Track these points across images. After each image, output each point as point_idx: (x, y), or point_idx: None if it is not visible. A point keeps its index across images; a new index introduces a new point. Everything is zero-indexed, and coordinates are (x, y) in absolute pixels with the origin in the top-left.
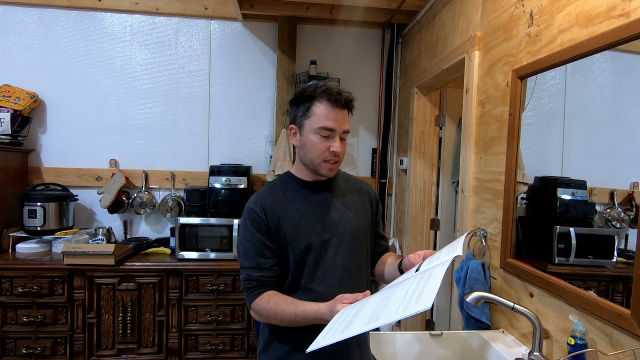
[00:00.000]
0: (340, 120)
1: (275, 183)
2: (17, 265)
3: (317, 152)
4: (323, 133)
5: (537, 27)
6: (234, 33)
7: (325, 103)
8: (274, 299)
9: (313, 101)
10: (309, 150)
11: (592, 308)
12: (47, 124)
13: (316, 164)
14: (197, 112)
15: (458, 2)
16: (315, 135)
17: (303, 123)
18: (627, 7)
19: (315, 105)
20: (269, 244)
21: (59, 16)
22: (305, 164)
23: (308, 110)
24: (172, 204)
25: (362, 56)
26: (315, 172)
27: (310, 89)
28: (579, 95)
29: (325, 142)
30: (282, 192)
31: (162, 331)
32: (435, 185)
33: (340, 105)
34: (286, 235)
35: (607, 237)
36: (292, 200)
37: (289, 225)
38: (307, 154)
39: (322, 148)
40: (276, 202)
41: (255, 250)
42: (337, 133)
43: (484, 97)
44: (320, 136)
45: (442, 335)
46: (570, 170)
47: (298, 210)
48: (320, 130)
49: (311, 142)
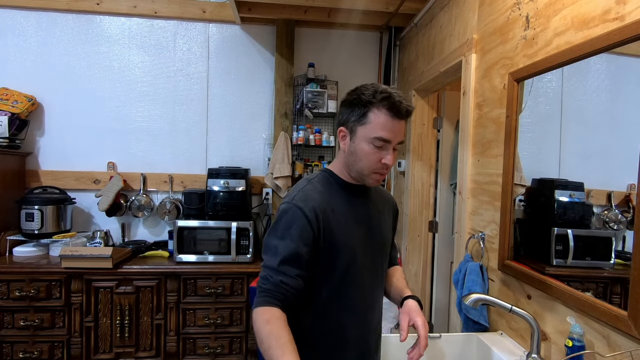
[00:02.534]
0: (397, 131)
1: (318, 181)
2: (14, 268)
3: (368, 163)
4: (377, 143)
5: (533, 30)
6: (232, 36)
7: (384, 112)
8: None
9: (371, 107)
10: (359, 158)
11: (589, 310)
12: (44, 127)
13: (365, 174)
14: (195, 115)
15: (455, 6)
16: (368, 145)
17: (356, 129)
18: (622, 10)
19: (372, 112)
20: (305, 253)
21: (57, 19)
22: (351, 170)
23: (364, 117)
24: (170, 206)
25: (360, 59)
26: (360, 181)
27: (368, 92)
28: (576, 98)
29: (378, 153)
30: (328, 194)
31: (160, 335)
32: (434, 187)
33: (401, 116)
34: (334, 244)
35: (604, 239)
36: (336, 203)
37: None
38: (357, 162)
39: (374, 159)
40: (326, 204)
41: (287, 254)
42: (392, 144)
43: (481, 100)
44: (374, 146)
45: (440, 338)
46: (568, 172)
47: (344, 216)
48: (375, 140)
49: (363, 151)
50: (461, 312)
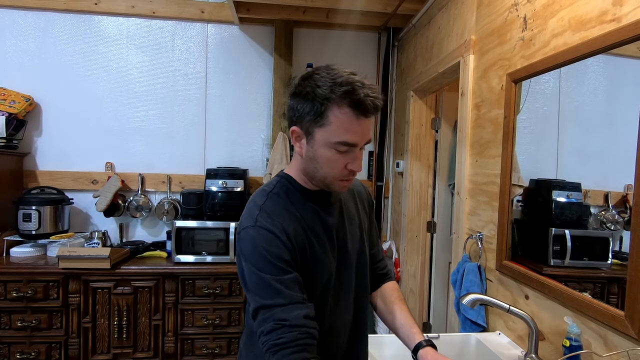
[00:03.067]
0: (364, 131)
1: (277, 193)
2: (12, 269)
3: (332, 171)
4: (341, 149)
5: (530, 32)
6: (230, 36)
7: (346, 110)
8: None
9: (329, 105)
10: (320, 166)
11: (586, 310)
12: (42, 127)
13: (329, 181)
14: (193, 115)
15: (453, 7)
16: (330, 150)
17: (313, 131)
18: (618, 12)
19: (332, 111)
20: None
21: (55, 19)
22: (312, 178)
23: (322, 117)
24: (168, 207)
25: (359, 59)
26: (324, 188)
27: (325, 85)
28: (573, 98)
29: (343, 159)
30: (294, 208)
31: (158, 335)
32: (432, 187)
33: (370, 113)
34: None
35: (601, 239)
36: (304, 218)
37: (309, 251)
38: (319, 170)
39: (338, 166)
40: (295, 222)
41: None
42: (359, 147)
43: (479, 100)
44: (337, 151)
45: (439, 338)
46: (565, 173)
47: (313, 232)
48: (337, 145)
49: (324, 157)
50: (459, 312)
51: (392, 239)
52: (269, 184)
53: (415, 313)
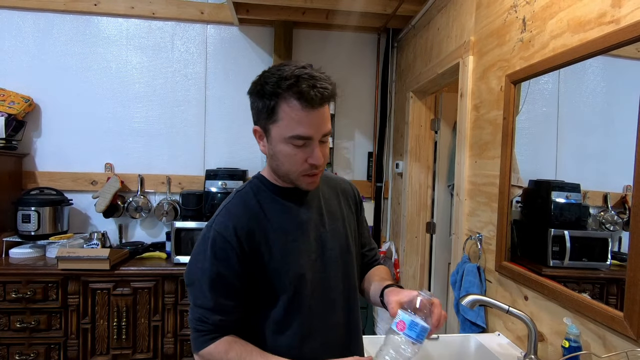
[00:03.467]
0: (318, 123)
1: (246, 192)
2: (11, 270)
3: (292, 166)
4: (297, 143)
5: (529, 33)
6: (230, 37)
7: (295, 104)
8: (236, 349)
9: (278, 100)
10: (281, 162)
11: (585, 310)
12: (41, 127)
13: (293, 178)
14: (193, 116)
15: (452, 8)
16: (287, 145)
17: (269, 128)
18: (617, 14)
19: (281, 107)
20: (236, 281)
21: (54, 20)
22: (279, 175)
23: (273, 113)
24: (167, 208)
25: (358, 60)
26: (290, 183)
27: (272, 80)
28: (572, 99)
29: (302, 153)
30: (259, 205)
31: (158, 336)
32: (431, 188)
33: (317, 104)
34: (271, 263)
35: (601, 240)
36: (271, 215)
37: (274, 249)
38: (281, 166)
39: (298, 160)
40: (254, 221)
41: (215, 287)
42: (316, 139)
43: (479, 102)
44: (294, 146)
45: (438, 339)
46: (564, 174)
47: (282, 229)
48: (293, 140)
49: (283, 153)
50: (459, 313)
51: (392, 240)
52: (243, 184)
53: None
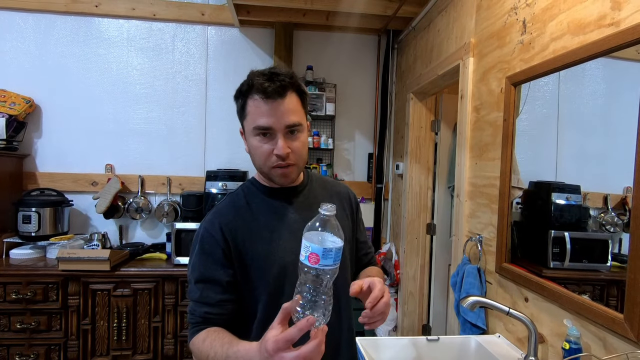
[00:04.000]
0: (278, 114)
1: (237, 193)
2: (11, 271)
3: (260, 158)
4: (261, 133)
5: (529, 35)
6: (230, 39)
7: (255, 97)
8: (211, 337)
9: (246, 98)
10: (253, 156)
11: (586, 312)
12: (42, 128)
13: (265, 171)
14: (193, 117)
15: (453, 10)
16: (254, 138)
17: (243, 125)
18: (617, 16)
19: (247, 104)
20: (220, 276)
21: (55, 21)
22: (258, 171)
23: (243, 110)
24: (168, 209)
25: (359, 62)
26: (270, 180)
27: (244, 83)
28: (572, 101)
29: (267, 145)
30: (247, 205)
31: (158, 337)
32: (431, 190)
33: (275, 94)
34: (255, 260)
35: (601, 242)
36: (259, 214)
37: (259, 246)
38: (254, 160)
39: (264, 152)
40: (240, 219)
41: (202, 280)
42: (278, 130)
43: (479, 103)
44: (260, 138)
45: (438, 340)
46: (564, 175)
47: (268, 227)
48: (256, 131)
49: (253, 146)
50: (459, 314)
51: (392, 241)
52: (238, 187)
53: (415, 315)
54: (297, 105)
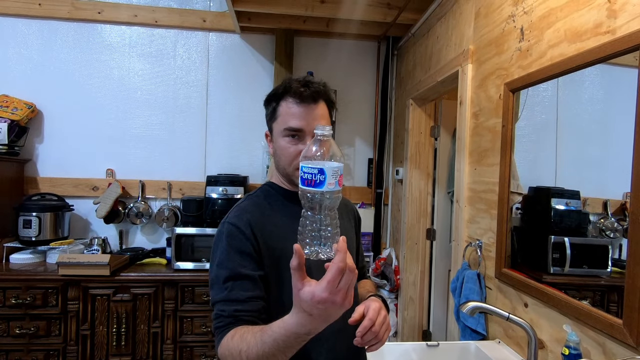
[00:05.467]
0: (310, 117)
1: (257, 195)
2: (11, 276)
3: (287, 159)
4: (291, 134)
5: (527, 42)
6: (231, 45)
7: (289, 100)
8: (240, 331)
9: (279, 101)
10: (279, 157)
11: (585, 318)
12: (44, 134)
13: (289, 172)
14: (194, 123)
15: (451, 17)
16: (283, 139)
17: (272, 127)
18: (613, 24)
19: (280, 106)
20: (251, 271)
21: (58, 28)
22: (281, 174)
23: (275, 112)
24: (168, 214)
25: (358, 68)
26: (291, 182)
27: (279, 87)
28: (571, 107)
29: (295, 146)
30: (269, 207)
31: (157, 343)
32: (431, 195)
33: (309, 99)
34: (282, 258)
35: (601, 247)
36: (281, 215)
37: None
38: (279, 161)
39: (291, 153)
40: (265, 217)
41: (231, 277)
42: (307, 133)
43: (478, 109)
44: (289, 138)
45: (438, 346)
46: (564, 181)
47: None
48: (286, 132)
49: (280, 147)
50: (459, 320)
51: (392, 247)
52: (255, 190)
53: (415, 320)
54: (326, 113)
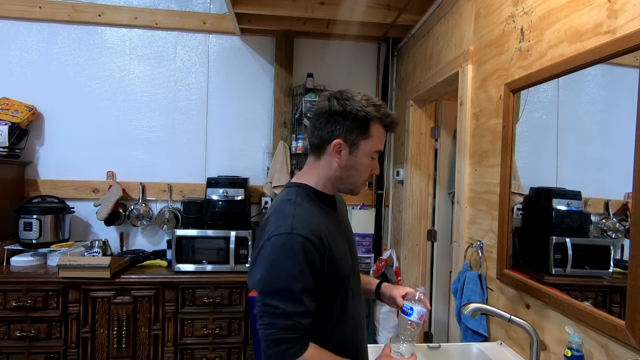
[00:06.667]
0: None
1: (302, 199)
2: (11, 278)
3: (364, 175)
4: (374, 156)
5: (527, 43)
6: (232, 47)
7: (380, 127)
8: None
9: (371, 121)
10: (358, 172)
11: (587, 319)
12: (44, 136)
13: (359, 185)
14: (194, 125)
15: (451, 18)
16: (367, 158)
17: (359, 142)
18: (613, 24)
19: (374, 127)
20: (315, 284)
21: (58, 30)
22: (342, 183)
23: (367, 131)
24: (169, 216)
25: (358, 69)
26: (348, 192)
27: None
28: (572, 107)
29: (371, 165)
30: (313, 210)
31: (158, 345)
32: (432, 196)
33: (392, 130)
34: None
35: (603, 248)
36: (323, 218)
37: (340, 248)
38: (355, 175)
39: (368, 171)
40: (323, 225)
41: (306, 291)
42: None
43: (478, 110)
44: (371, 159)
45: (440, 348)
46: (565, 181)
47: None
48: (374, 154)
49: (363, 164)
50: (460, 321)
51: (393, 248)
52: (287, 193)
53: None
54: None
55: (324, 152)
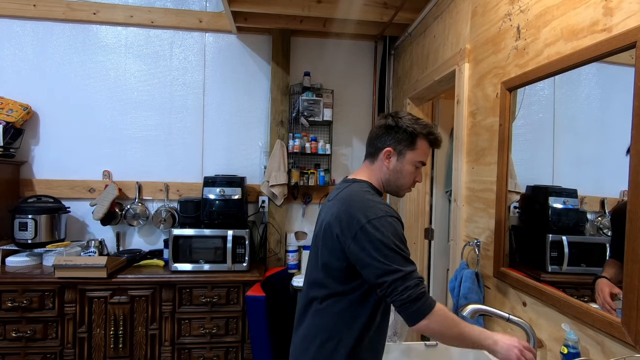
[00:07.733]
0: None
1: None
2: (7, 279)
3: (409, 181)
4: (418, 165)
5: (524, 41)
6: (228, 45)
7: (425, 142)
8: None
9: (418, 137)
10: (402, 176)
11: (583, 316)
12: (39, 135)
13: (404, 189)
14: (191, 123)
15: (448, 16)
16: (412, 166)
17: (405, 152)
18: (609, 22)
19: (420, 141)
20: None
21: (53, 28)
22: (390, 185)
23: (413, 144)
24: (165, 215)
25: (356, 67)
26: (393, 193)
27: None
28: (568, 105)
29: (415, 173)
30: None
31: (155, 345)
32: (429, 194)
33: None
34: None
35: (599, 245)
36: None
37: None
38: (400, 179)
39: (412, 177)
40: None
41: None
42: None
43: (475, 108)
44: (415, 168)
45: (437, 346)
46: (561, 179)
47: None
48: (417, 163)
49: (408, 171)
50: None
51: None
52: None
53: None
54: None
55: (377, 158)
